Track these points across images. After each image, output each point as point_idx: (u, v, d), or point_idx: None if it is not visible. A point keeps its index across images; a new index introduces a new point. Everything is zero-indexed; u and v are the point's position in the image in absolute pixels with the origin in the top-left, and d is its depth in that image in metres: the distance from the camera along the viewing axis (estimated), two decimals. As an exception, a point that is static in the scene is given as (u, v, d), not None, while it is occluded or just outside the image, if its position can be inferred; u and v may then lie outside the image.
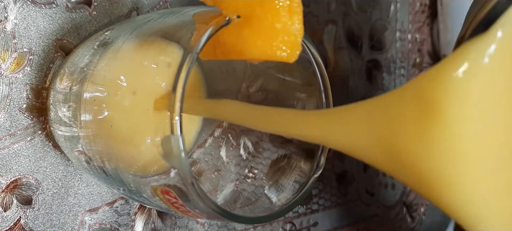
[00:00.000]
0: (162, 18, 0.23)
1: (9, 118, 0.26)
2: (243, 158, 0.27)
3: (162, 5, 0.32)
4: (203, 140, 0.28)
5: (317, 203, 0.42)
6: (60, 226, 0.28)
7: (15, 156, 0.26)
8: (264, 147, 0.27)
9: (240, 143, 0.28)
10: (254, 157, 0.27)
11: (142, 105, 0.21)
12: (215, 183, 0.27)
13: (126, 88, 0.22)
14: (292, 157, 0.26)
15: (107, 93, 0.22)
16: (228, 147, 0.28)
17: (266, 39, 0.20)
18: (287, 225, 0.40)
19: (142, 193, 0.22)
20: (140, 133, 0.21)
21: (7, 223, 0.26)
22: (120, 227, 0.30)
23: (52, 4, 0.27)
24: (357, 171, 0.46)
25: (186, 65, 0.19)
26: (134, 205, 0.31)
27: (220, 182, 0.27)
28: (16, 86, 0.26)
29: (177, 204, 0.21)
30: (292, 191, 0.25)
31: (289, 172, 0.26)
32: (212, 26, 0.20)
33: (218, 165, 0.28)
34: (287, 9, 0.20)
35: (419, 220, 0.53)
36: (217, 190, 0.27)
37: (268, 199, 0.25)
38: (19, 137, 0.26)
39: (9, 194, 0.26)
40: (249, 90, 0.26)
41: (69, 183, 0.28)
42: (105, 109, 0.22)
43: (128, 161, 0.21)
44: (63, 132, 0.24)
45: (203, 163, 0.28)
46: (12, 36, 0.26)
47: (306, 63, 0.24)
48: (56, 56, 0.27)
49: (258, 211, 0.24)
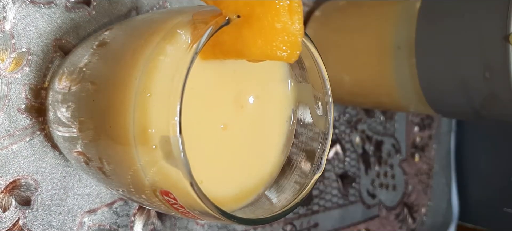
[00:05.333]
0: (162, 18, 0.23)
1: (8, 118, 0.26)
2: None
3: (162, 4, 0.31)
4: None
5: (318, 204, 0.42)
6: (59, 227, 0.28)
7: (14, 156, 0.26)
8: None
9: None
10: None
11: (142, 105, 0.21)
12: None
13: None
14: (293, 157, 0.26)
15: (106, 94, 0.22)
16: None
17: (266, 39, 0.20)
18: (287, 226, 0.40)
19: (141, 194, 0.22)
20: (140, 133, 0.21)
21: (6, 224, 0.26)
22: (120, 228, 0.30)
23: (51, 4, 0.27)
24: (358, 172, 0.46)
25: (186, 65, 0.19)
26: (133, 206, 0.31)
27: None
28: (14, 87, 0.26)
29: (176, 205, 0.21)
30: (292, 192, 0.25)
31: (290, 173, 0.26)
32: (212, 26, 0.19)
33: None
34: (287, 9, 0.20)
35: (420, 221, 0.53)
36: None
37: (268, 200, 0.25)
38: (18, 137, 0.26)
39: (8, 195, 0.26)
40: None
41: (68, 184, 0.28)
42: (105, 110, 0.22)
43: (127, 161, 0.21)
44: (62, 132, 0.24)
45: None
46: (11, 36, 0.26)
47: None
48: (55, 56, 0.27)
49: (258, 212, 0.24)
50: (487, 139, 0.54)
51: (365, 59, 0.36)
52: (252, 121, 0.24)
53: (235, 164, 0.24)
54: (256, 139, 0.25)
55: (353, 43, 0.37)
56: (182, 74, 0.18)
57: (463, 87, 0.31)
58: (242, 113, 0.24)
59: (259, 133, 0.25)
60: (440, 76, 0.32)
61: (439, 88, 0.33)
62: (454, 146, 0.56)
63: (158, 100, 0.19)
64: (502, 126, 0.52)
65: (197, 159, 0.21)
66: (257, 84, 0.24)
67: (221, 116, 0.23)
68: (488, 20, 0.30)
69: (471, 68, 0.31)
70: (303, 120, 0.26)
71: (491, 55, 0.30)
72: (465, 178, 0.56)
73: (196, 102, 0.22)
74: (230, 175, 0.24)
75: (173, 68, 0.19)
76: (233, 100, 0.24)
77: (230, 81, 0.23)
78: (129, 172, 0.21)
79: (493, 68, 0.30)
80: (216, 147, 0.23)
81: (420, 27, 0.33)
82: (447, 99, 0.33)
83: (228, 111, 0.23)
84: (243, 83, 0.24)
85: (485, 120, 0.36)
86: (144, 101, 0.19)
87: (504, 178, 0.51)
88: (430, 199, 0.53)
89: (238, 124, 0.24)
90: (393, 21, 0.35)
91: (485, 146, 0.54)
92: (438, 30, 0.32)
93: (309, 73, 0.25)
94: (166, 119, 0.18)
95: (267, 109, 0.25)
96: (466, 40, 0.31)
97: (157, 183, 0.20)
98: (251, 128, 0.24)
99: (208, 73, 0.22)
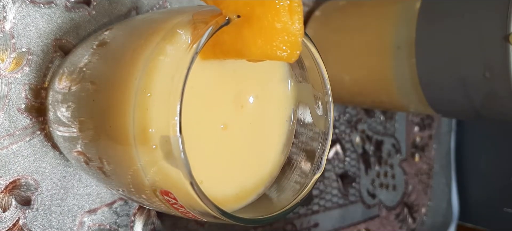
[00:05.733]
0: (162, 18, 0.23)
1: (8, 118, 0.26)
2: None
3: (162, 4, 0.31)
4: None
5: (318, 204, 0.42)
6: (59, 227, 0.28)
7: (14, 156, 0.26)
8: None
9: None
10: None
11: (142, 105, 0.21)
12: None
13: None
14: (293, 157, 0.26)
15: (106, 94, 0.22)
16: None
17: (266, 39, 0.20)
18: (287, 226, 0.40)
19: (142, 194, 0.22)
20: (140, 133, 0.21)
21: (6, 224, 0.26)
22: (120, 228, 0.30)
23: (51, 4, 0.27)
24: (358, 172, 0.46)
25: (186, 65, 0.19)
26: (134, 206, 0.31)
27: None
28: (15, 86, 0.26)
29: (176, 205, 0.21)
30: (292, 191, 0.25)
31: (290, 173, 0.26)
32: (212, 25, 0.19)
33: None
34: (287, 9, 0.20)
35: (420, 220, 0.53)
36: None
37: (269, 199, 0.25)
38: (18, 137, 0.26)
39: (8, 195, 0.26)
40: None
41: (68, 184, 0.28)
42: (105, 110, 0.22)
43: (127, 161, 0.21)
44: (62, 132, 0.24)
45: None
46: (11, 36, 0.26)
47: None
48: (55, 56, 0.27)
49: (258, 212, 0.24)
50: (487, 139, 0.54)
51: (365, 59, 0.36)
52: (252, 121, 0.24)
53: (235, 163, 0.24)
54: (256, 138, 0.25)
55: (353, 43, 0.37)
56: (182, 74, 0.18)
57: (463, 87, 0.31)
58: (242, 113, 0.24)
59: (259, 133, 0.25)
60: (440, 76, 0.32)
61: (439, 88, 0.33)
62: (454, 146, 0.56)
63: (158, 100, 0.19)
64: (502, 126, 0.52)
65: (197, 158, 0.21)
66: (257, 84, 0.24)
67: (221, 115, 0.23)
68: (488, 20, 0.30)
69: (471, 68, 0.31)
70: (303, 119, 0.26)
71: (491, 55, 0.30)
72: (465, 178, 0.56)
73: (196, 102, 0.22)
74: (230, 174, 0.24)
75: (173, 68, 0.19)
76: (233, 100, 0.24)
77: (230, 81, 0.23)
78: (129, 172, 0.21)
79: (493, 68, 0.30)
80: (216, 146, 0.23)
81: (420, 27, 0.33)
82: (447, 99, 0.33)
83: (228, 111, 0.23)
84: (243, 83, 0.24)
85: (485, 120, 0.36)
86: (144, 101, 0.19)
87: (504, 178, 0.51)
88: (430, 199, 0.53)
89: (238, 124, 0.24)
90: (393, 21, 0.35)
91: (485, 146, 0.54)
92: (438, 30, 0.32)
93: (309, 73, 0.25)
94: (166, 119, 0.18)
95: (267, 109, 0.25)
96: (466, 40, 0.31)
97: (157, 182, 0.20)
98: (251, 127, 0.24)
99: (208, 73, 0.22)
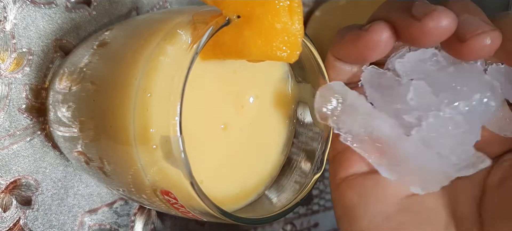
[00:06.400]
0: (162, 18, 0.23)
1: (8, 118, 0.26)
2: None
3: (162, 5, 0.31)
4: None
5: (318, 203, 0.42)
6: (60, 227, 0.28)
7: (15, 156, 0.26)
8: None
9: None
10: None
11: (142, 105, 0.21)
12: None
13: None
14: (293, 157, 0.26)
15: (107, 94, 0.22)
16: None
17: (266, 39, 0.20)
18: (287, 226, 0.40)
19: (142, 194, 0.22)
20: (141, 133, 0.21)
21: (7, 224, 0.26)
22: (120, 227, 0.30)
23: (52, 4, 0.27)
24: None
25: (186, 65, 0.19)
26: (134, 206, 0.31)
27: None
28: (15, 87, 0.26)
29: (177, 205, 0.21)
30: (292, 191, 0.25)
31: (290, 173, 0.26)
32: (212, 26, 0.19)
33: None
34: (287, 9, 0.20)
35: (420, 220, 0.53)
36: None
37: (269, 199, 0.25)
38: (18, 137, 0.26)
39: (8, 195, 0.26)
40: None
41: (69, 184, 0.28)
42: (105, 110, 0.22)
43: (127, 161, 0.21)
44: (63, 132, 0.24)
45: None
46: (12, 36, 0.26)
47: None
48: (55, 56, 0.27)
49: (258, 211, 0.24)
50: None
51: (365, 59, 0.36)
52: (252, 121, 0.24)
53: (235, 163, 0.24)
54: (256, 139, 0.25)
55: (353, 43, 0.37)
56: (182, 74, 0.18)
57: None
58: (242, 114, 0.24)
59: (259, 133, 0.25)
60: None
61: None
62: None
63: (158, 100, 0.19)
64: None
65: (197, 158, 0.21)
66: (257, 85, 0.24)
67: (221, 115, 0.23)
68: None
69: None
70: (303, 119, 0.26)
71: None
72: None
73: (197, 102, 0.22)
74: (230, 174, 0.24)
75: (174, 69, 0.19)
76: (233, 100, 0.24)
77: (230, 81, 0.23)
78: (129, 172, 0.21)
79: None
80: (216, 146, 0.23)
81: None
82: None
83: (228, 111, 0.23)
84: (243, 83, 0.24)
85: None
86: (144, 101, 0.19)
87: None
88: (430, 198, 0.53)
89: (238, 124, 0.24)
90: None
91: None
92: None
93: (309, 73, 0.25)
94: (167, 119, 0.19)
95: (267, 110, 0.25)
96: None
97: (158, 182, 0.20)
98: (251, 127, 0.24)
99: (208, 73, 0.22)
